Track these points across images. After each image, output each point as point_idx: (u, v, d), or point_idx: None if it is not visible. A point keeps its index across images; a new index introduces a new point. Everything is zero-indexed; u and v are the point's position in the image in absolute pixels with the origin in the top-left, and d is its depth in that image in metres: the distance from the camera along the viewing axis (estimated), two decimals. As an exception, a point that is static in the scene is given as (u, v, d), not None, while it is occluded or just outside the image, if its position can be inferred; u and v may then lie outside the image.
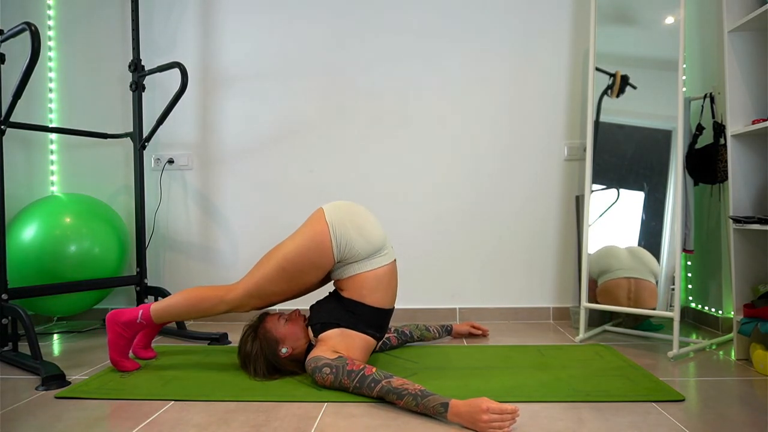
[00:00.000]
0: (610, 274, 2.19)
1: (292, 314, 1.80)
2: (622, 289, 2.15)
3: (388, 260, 1.77)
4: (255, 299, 1.77)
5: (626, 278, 2.15)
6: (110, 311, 1.84)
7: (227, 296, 1.77)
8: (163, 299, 1.85)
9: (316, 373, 1.60)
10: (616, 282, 2.17)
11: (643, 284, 2.10)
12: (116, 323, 1.80)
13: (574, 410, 1.46)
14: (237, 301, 1.77)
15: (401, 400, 1.44)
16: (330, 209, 1.76)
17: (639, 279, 2.12)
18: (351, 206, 1.79)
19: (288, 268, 1.73)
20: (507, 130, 2.63)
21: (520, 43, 2.62)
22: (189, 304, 1.80)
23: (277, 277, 1.74)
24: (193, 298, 1.80)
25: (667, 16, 2.12)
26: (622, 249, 2.17)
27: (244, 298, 1.76)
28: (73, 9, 2.75)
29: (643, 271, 2.11)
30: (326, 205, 1.78)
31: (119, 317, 1.81)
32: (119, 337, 1.81)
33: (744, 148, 1.93)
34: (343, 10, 2.67)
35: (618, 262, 2.17)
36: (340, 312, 1.74)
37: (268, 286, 1.75)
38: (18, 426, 1.40)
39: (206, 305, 1.79)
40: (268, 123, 2.69)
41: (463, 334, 2.30)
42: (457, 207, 2.64)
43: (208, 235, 2.73)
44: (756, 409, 1.45)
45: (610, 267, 2.19)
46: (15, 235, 2.29)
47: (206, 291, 1.81)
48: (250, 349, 1.74)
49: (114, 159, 2.74)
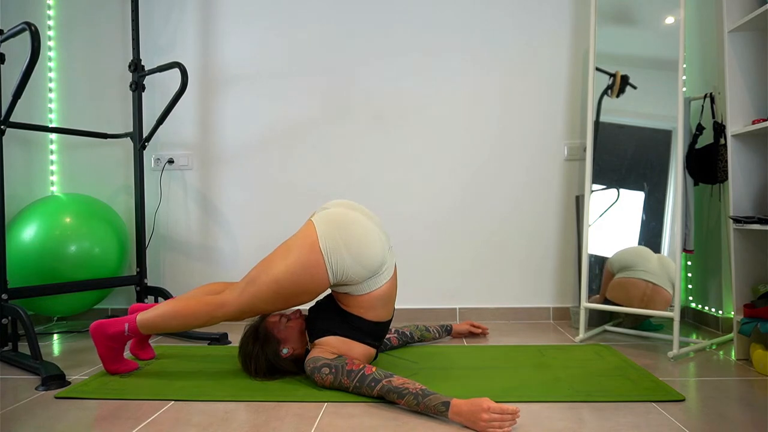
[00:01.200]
0: (630, 271, 2.17)
1: (293, 314, 1.78)
2: (637, 290, 2.13)
3: (386, 278, 1.70)
4: (247, 314, 1.71)
5: (645, 281, 2.13)
6: (93, 323, 1.74)
7: (218, 312, 1.69)
8: (151, 309, 1.75)
9: (315, 374, 1.59)
10: (634, 281, 2.15)
11: (661, 292, 2.08)
12: (103, 336, 1.72)
13: (574, 410, 1.46)
14: (228, 318, 1.70)
15: (402, 399, 1.44)
16: (323, 229, 1.64)
17: (658, 286, 2.09)
18: (346, 219, 1.67)
19: (281, 292, 1.65)
20: (507, 130, 2.63)
21: (520, 43, 2.62)
22: (178, 317, 1.70)
23: (271, 298, 1.67)
24: (182, 311, 1.70)
25: (667, 16, 2.12)
26: (653, 253, 2.14)
27: (235, 315, 1.70)
28: (73, 9, 2.75)
29: (664, 279, 2.08)
30: (318, 221, 1.68)
31: (105, 330, 1.72)
32: (109, 350, 1.74)
33: (744, 148, 1.93)
34: (343, 10, 2.67)
35: (644, 263, 2.14)
36: (338, 322, 1.70)
37: (261, 305, 1.69)
38: (18, 426, 1.40)
39: (196, 321, 1.70)
40: (268, 123, 2.69)
41: (462, 334, 2.30)
42: (456, 207, 2.64)
43: (208, 235, 2.73)
44: (756, 409, 1.45)
45: (635, 265, 2.16)
46: (15, 235, 2.29)
47: (196, 305, 1.70)
48: (251, 349, 1.72)
49: (114, 159, 2.74)
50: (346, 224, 1.66)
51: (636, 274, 2.15)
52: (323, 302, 1.80)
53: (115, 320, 1.75)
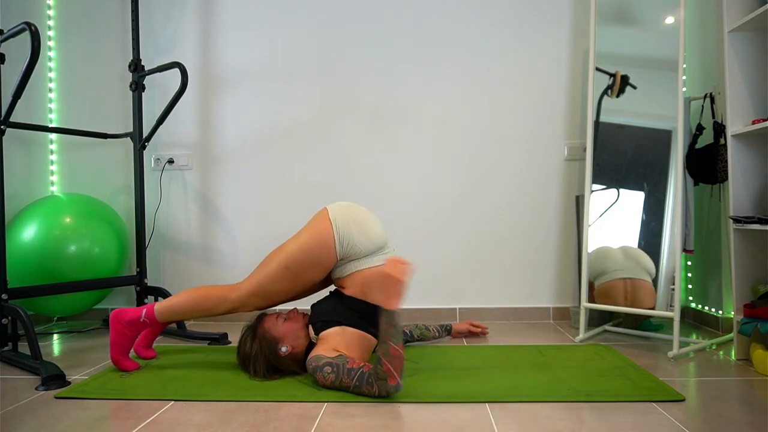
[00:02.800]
0: (606, 275, 2.19)
1: (290, 313, 1.81)
2: (618, 291, 2.15)
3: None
4: (258, 299, 1.79)
5: (622, 279, 2.15)
6: (113, 310, 1.85)
7: (230, 295, 1.79)
8: (167, 299, 1.87)
9: (317, 372, 1.60)
10: (612, 284, 2.17)
11: (639, 284, 2.10)
12: (119, 322, 1.81)
13: (574, 410, 1.46)
14: (240, 301, 1.79)
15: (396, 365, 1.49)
16: (333, 208, 1.81)
17: (634, 279, 2.11)
18: (353, 207, 1.84)
19: (291, 267, 1.75)
20: (506, 131, 2.63)
21: (520, 42, 2.62)
22: (192, 303, 1.82)
23: (281, 276, 1.76)
24: (196, 297, 1.82)
25: (667, 16, 2.12)
26: (616, 249, 2.17)
27: (247, 298, 1.79)
28: (73, 9, 2.75)
29: (638, 270, 2.10)
30: (330, 205, 1.84)
31: (122, 316, 1.82)
32: (122, 336, 1.81)
33: (744, 148, 1.93)
34: (343, 11, 2.67)
35: (613, 263, 2.17)
36: (341, 310, 1.76)
37: (271, 286, 1.78)
38: (18, 426, 1.40)
39: (209, 305, 1.81)
40: (268, 123, 2.69)
41: (462, 333, 2.30)
42: (456, 207, 2.64)
43: (208, 235, 2.73)
44: (756, 409, 1.45)
45: (606, 268, 2.19)
46: (15, 235, 2.29)
47: (209, 290, 1.83)
48: (249, 350, 1.74)
49: (114, 159, 2.74)
50: (353, 207, 1.84)
51: (611, 276, 2.18)
52: (324, 298, 1.86)
53: (133, 308, 1.85)
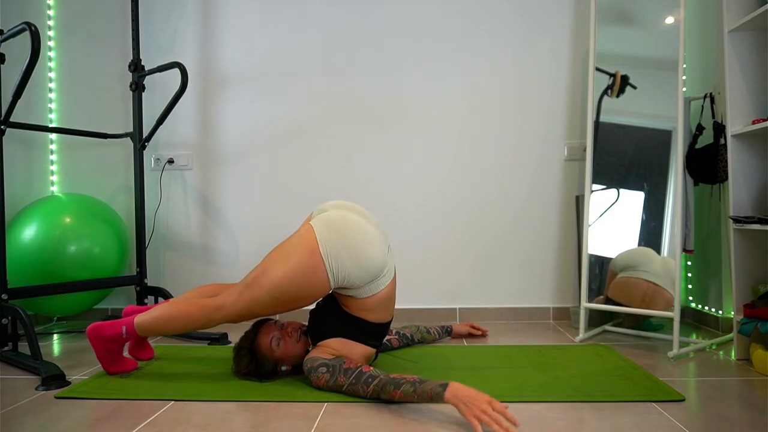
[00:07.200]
0: (633, 271, 2.16)
1: (286, 331, 1.73)
2: (638, 289, 2.12)
3: (387, 281, 1.68)
4: (245, 318, 1.69)
5: (647, 281, 2.12)
6: (89, 326, 1.73)
7: (215, 315, 1.66)
8: (148, 311, 1.74)
9: (311, 373, 1.60)
10: (635, 281, 2.14)
11: (662, 293, 2.07)
12: (101, 339, 1.72)
13: (574, 410, 1.45)
14: (226, 321, 1.68)
15: (399, 389, 1.43)
16: (322, 233, 1.61)
17: (659, 287, 2.09)
18: (345, 223, 1.64)
19: (281, 297, 1.62)
20: (507, 130, 2.63)
21: (520, 43, 2.62)
22: (175, 320, 1.69)
23: (270, 303, 1.64)
24: (179, 315, 1.69)
25: (667, 16, 2.12)
26: (657, 255, 2.13)
27: (233, 319, 1.68)
28: (73, 9, 2.75)
29: (666, 281, 2.07)
30: (317, 224, 1.64)
31: (102, 332, 1.71)
32: (107, 352, 1.74)
33: (744, 148, 1.93)
34: (343, 11, 2.66)
35: (647, 264, 2.14)
36: (339, 325, 1.70)
37: (259, 310, 1.67)
38: (18, 426, 1.40)
39: (193, 324, 1.69)
40: (268, 123, 2.69)
41: (462, 335, 2.30)
42: (456, 207, 2.64)
43: (208, 235, 2.73)
44: (756, 409, 1.45)
45: (638, 265, 2.16)
46: (15, 235, 2.29)
47: (194, 309, 1.68)
48: (247, 367, 1.71)
49: (114, 159, 2.74)
50: (345, 228, 1.63)
51: (638, 274, 2.15)
52: (324, 305, 1.78)
53: (111, 322, 1.73)
